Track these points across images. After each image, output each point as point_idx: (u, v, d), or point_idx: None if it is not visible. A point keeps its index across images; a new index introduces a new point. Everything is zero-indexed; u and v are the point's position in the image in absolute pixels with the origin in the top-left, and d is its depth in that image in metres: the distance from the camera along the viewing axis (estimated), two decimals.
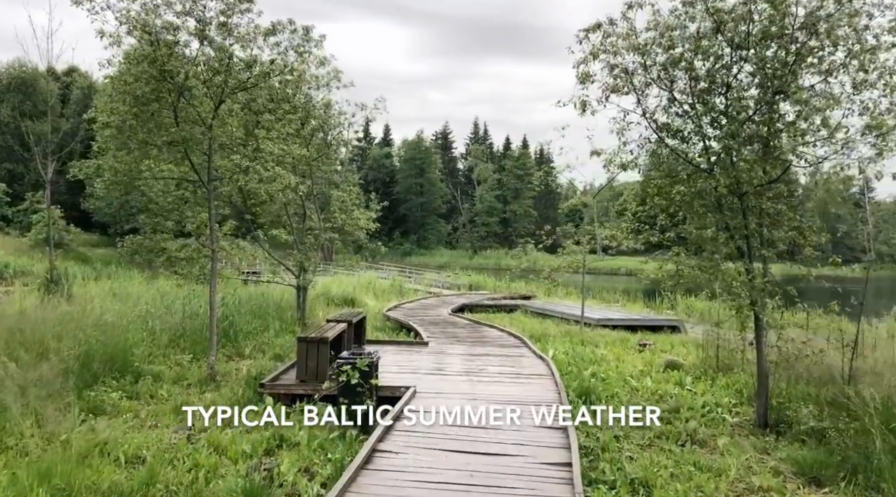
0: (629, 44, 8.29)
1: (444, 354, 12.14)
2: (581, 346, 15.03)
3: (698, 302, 29.66)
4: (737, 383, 10.88)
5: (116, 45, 9.86)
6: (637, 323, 19.69)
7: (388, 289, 31.36)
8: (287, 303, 17.42)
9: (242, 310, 15.12)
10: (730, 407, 9.63)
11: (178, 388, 10.13)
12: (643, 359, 13.76)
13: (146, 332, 12.09)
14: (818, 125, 8.16)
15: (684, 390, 10.61)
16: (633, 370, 12.36)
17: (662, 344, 15.95)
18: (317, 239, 16.58)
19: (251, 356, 12.54)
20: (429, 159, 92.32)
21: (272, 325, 14.77)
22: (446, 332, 15.46)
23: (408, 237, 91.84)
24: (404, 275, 41.54)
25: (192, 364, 11.40)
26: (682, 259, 8.68)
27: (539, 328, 18.26)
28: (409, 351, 12.43)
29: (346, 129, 16.19)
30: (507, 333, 15.35)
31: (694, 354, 14.01)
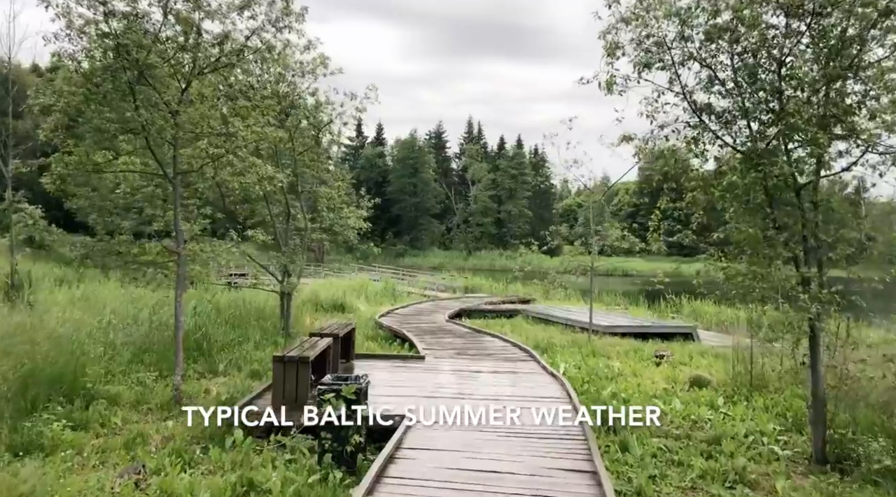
0: (667, 8, 6.95)
1: (444, 372, 10.77)
2: (592, 359, 13.71)
3: (705, 305, 28.46)
4: (777, 405, 9.58)
5: (63, 18, 8.46)
6: (648, 330, 18.38)
7: (380, 292, 29.97)
8: (271, 310, 16.01)
9: (219, 318, 13.72)
10: (776, 436, 8.31)
11: (136, 414, 8.74)
12: (662, 373, 12.45)
13: (106, 345, 10.68)
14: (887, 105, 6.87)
15: (718, 414, 9.29)
16: (654, 388, 11.05)
17: (680, 355, 14.63)
18: (303, 240, 15.20)
19: (226, 372, 11.13)
20: (422, 159, 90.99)
21: (252, 336, 13.37)
22: (444, 343, 14.11)
23: (401, 238, 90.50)
24: (397, 277, 40.14)
25: (158, 383, 9.99)
26: (730, 264, 7.33)
27: (543, 336, 16.94)
28: (403, 367, 11.07)
29: (335, 120, 14.80)
30: (511, 344, 14.00)
31: (719, 368, 12.71)
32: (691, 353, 15.05)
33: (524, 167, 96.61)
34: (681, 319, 26.27)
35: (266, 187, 9.98)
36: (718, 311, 27.69)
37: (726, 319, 26.33)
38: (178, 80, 9.21)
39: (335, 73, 14.82)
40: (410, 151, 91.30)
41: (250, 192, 9.98)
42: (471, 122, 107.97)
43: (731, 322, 25.89)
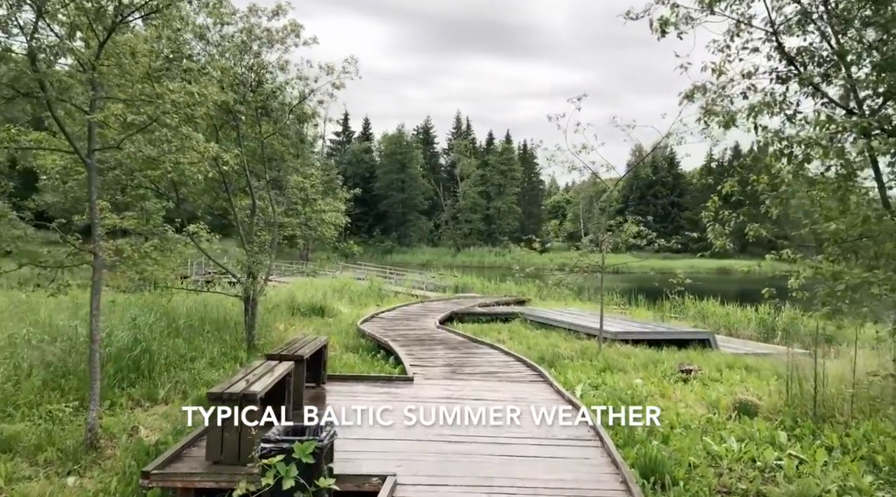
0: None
1: (437, 400, 8.65)
2: (609, 375, 11.72)
3: (712, 306, 26.57)
4: (858, 445, 7.57)
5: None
6: (661, 336, 16.43)
7: (365, 292, 27.88)
8: (237, 317, 13.87)
9: (170, 329, 11.59)
10: (873, 493, 6.34)
11: (31, 467, 6.62)
12: (695, 394, 10.48)
13: (12, 368, 8.54)
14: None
15: (788, 457, 7.29)
16: (692, 415, 9.06)
17: (708, 368, 12.69)
18: (273, 236, 13.06)
19: (167, 400, 9.02)
20: (410, 154, 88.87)
21: (209, 351, 11.24)
22: (436, 356, 12.06)
23: (389, 234, 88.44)
24: (384, 275, 38.06)
25: (77, 417, 7.88)
26: (835, 267, 5.33)
27: (546, 345, 14.95)
28: (386, 393, 8.97)
29: (309, 98, 12.66)
30: (515, 358, 11.97)
31: (758, 386, 10.77)
32: (718, 366, 13.11)
33: (513, 163, 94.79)
34: (686, 322, 24.44)
35: (207, 171, 7.88)
36: (726, 313, 25.86)
37: (736, 322, 24.52)
38: (93, 30, 7.08)
39: (309, 44, 12.72)
40: (398, 146, 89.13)
41: (188, 176, 7.92)
42: (459, 118, 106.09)
43: (739, 325, 24.14)
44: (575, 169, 13.80)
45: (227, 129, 12.52)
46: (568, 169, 13.72)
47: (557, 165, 13.75)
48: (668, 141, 13.61)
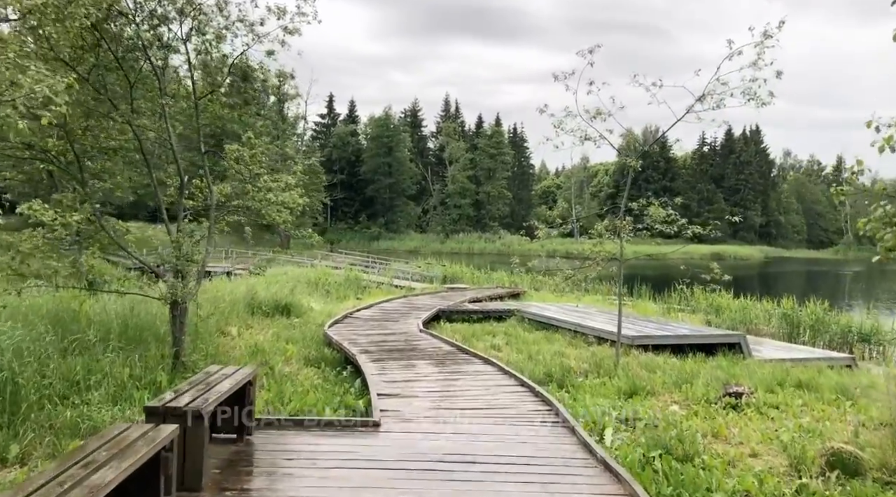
0: None
1: (409, 469, 5.92)
2: (638, 402, 9.14)
3: (724, 298, 23.99)
4: None
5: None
6: (686, 341, 13.88)
7: (343, 284, 25.17)
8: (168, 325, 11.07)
9: (62, 344, 8.84)
10: None
11: None
12: (758, 432, 7.89)
13: None
14: None
15: None
16: (771, 474, 6.46)
17: (754, 384, 10.13)
18: (211, 220, 10.27)
19: (23, 458, 6.28)
20: (397, 137, 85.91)
21: (111, 376, 8.47)
22: (415, 379, 9.39)
23: (375, 220, 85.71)
24: (365, 264, 35.34)
25: None
26: None
27: (551, 354, 12.36)
28: (339, 452, 6.22)
29: (251, 45, 9.84)
30: (517, 380, 9.27)
31: (826, 412, 8.23)
32: (766, 383, 10.57)
33: (503, 146, 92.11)
34: (698, 318, 21.94)
35: (22, 114, 5.11)
36: (743, 306, 23.30)
37: (755, 319, 21.98)
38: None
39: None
40: (385, 130, 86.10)
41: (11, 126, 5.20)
42: (447, 100, 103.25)
43: (758, 321, 21.58)
44: (589, 139, 11.09)
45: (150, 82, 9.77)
46: (581, 139, 11.03)
47: (567, 135, 11.05)
48: (704, 103, 10.98)
